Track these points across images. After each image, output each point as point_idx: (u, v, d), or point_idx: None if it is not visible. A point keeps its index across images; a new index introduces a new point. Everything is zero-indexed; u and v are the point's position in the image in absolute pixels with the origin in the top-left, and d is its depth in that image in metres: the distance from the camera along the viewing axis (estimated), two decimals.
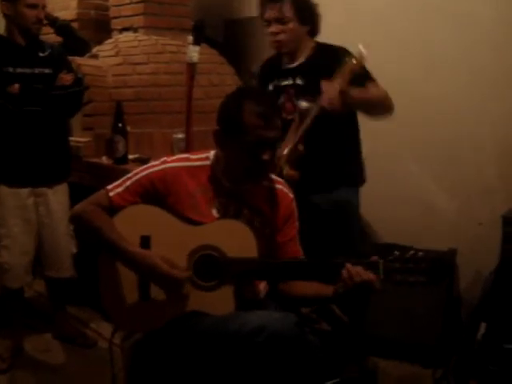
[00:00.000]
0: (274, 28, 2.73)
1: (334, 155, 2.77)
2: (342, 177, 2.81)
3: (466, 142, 3.24)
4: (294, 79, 2.81)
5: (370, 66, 2.61)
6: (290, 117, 2.74)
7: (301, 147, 2.63)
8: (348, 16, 2.79)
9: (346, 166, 2.82)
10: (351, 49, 2.57)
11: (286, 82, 2.82)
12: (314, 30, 2.81)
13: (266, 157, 1.95)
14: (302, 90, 2.75)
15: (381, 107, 2.70)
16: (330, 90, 2.48)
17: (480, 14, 3.09)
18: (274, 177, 2.17)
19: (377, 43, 3.42)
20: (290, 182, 2.36)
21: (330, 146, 2.75)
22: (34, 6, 3.03)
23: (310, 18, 2.77)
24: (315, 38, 2.84)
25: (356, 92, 2.54)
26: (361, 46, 2.46)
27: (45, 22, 3.19)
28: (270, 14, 2.72)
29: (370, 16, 3.47)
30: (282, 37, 2.74)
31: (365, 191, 2.98)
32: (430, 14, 3.27)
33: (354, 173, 2.89)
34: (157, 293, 1.97)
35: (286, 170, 2.63)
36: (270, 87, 2.86)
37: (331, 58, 2.66)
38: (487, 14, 3.06)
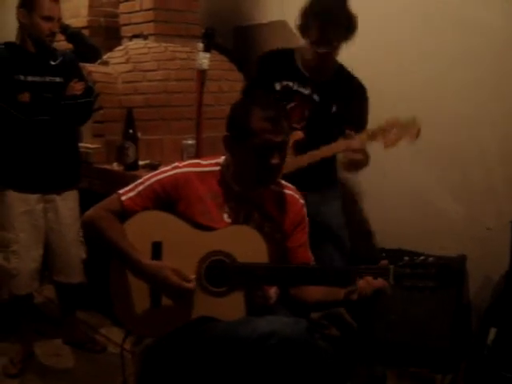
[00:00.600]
0: (324, 48, 2.67)
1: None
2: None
3: (472, 147, 3.23)
4: (312, 92, 2.80)
5: (372, 70, 2.63)
6: (295, 125, 2.75)
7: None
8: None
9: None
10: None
11: (302, 90, 2.81)
12: None
13: (274, 161, 1.97)
14: (315, 108, 2.78)
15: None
16: (357, 142, 2.52)
17: (482, 19, 3.08)
18: (284, 182, 2.19)
19: (378, 48, 3.46)
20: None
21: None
22: (49, 19, 3.02)
23: (353, 34, 2.74)
24: None
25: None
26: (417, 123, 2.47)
27: (57, 31, 3.20)
28: (327, 34, 2.65)
29: (371, 22, 3.47)
30: (331, 57, 2.75)
31: (372, 197, 2.98)
32: (433, 18, 3.27)
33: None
34: (168, 300, 1.99)
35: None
36: (278, 86, 2.83)
37: (352, 90, 2.77)
38: (489, 17, 3.06)
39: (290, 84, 2.83)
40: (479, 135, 3.20)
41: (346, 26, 2.67)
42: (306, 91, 2.81)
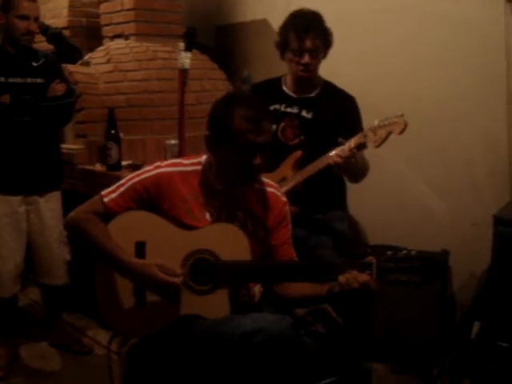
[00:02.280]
0: (306, 59, 2.76)
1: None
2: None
3: (455, 144, 3.26)
4: (300, 110, 2.87)
5: (362, 75, 2.66)
6: (290, 143, 2.84)
7: (300, 187, 2.71)
8: (337, 27, 2.84)
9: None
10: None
11: (289, 110, 2.88)
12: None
13: (256, 161, 1.97)
14: (308, 124, 2.84)
15: (363, 176, 2.82)
16: (345, 149, 2.53)
17: (465, 15, 3.12)
18: (265, 180, 2.19)
19: (368, 51, 3.49)
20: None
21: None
22: (24, 18, 3.02)
23: (329, 47, 2.86)
24: None
25: (359, 156, 2.59)
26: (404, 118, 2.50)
27: (36, 31, 3.19)
28: (307, 44, 2.74)
29: (359, 24, 3.51)
30: (312, 67, 2.81)
31: (357, 194, 3.00)
32: (415, 15, 3.30)
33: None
34: (153, 298, 1.99)
35: None
36: None
37: (342, 102, 2.85)
38: (479, 20, 3.09)
39: (278, 107, 2.89)
40: (462, 132, 3.23)
41: (322, 39, 2.78)
42: (294, 110, 2.88)
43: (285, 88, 2.93)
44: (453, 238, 3.23)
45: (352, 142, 2.52)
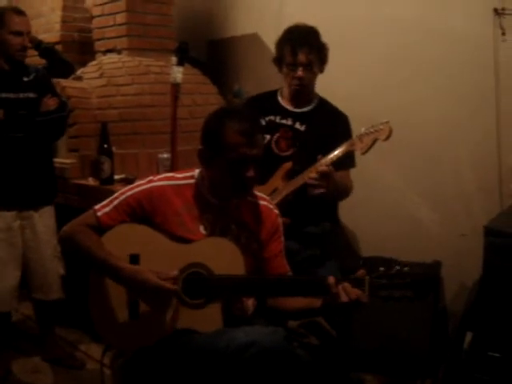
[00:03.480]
0: (301, 73, 2.79)
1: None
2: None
3: (444, 156, 3.29)
4: (294, 122, 2.90)
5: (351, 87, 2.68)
6: (282, 154, 2.86)
7: (290, 196, 2.73)
8: (326, 39, 2.88)
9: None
10: None
11: (284, 121, 2.91)
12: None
13: (249, 174, 1.98)
14: (301, 136, 2.87)
15: (343, 196, 2.85)
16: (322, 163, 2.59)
17: (461, 33, 3.15)
18: (258, 193, 2.20)
19: (356, 64, 3.52)
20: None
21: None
22: (18, 34, 3.04)
23: (325, 62, 2.88)
24: None
25: (338, 177, 2.62)
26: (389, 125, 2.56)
27: (29, 45, 3.20)
28: (301, 58, 2.77)
29: (347, 37, 3.55)
30: (306, 81, 2.83)
31: (349, 205, 3.01)
32: (403, 26, 3.34)
33: None
34: (146, 311, 1.99)
35: None
36: (263, 122, 2.90)
37: (335, 118, 2.88)
38: (468, 32, 3.13)
39: (273, 118, 2.92)
40: (451, 144, 3.26)
41: (317, 53, 2.80)
42: (288, 122, 2.91)
43: (280, 100, 2.96)
44: (444, 249, 3.26)
45: (335, 154, 2.58)
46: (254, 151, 1.97)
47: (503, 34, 3.01)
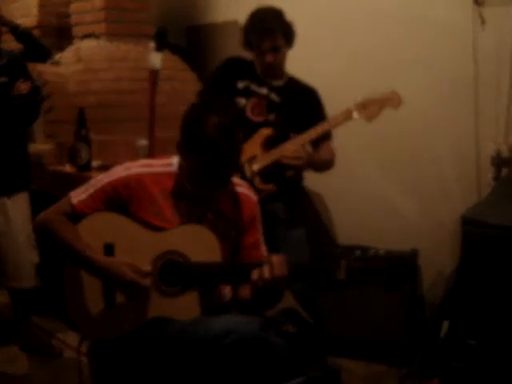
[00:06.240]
0: (270, 57, 2.84)
1: None
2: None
3: (425, 146, 3.30)
4: (269, 92, 2.94)
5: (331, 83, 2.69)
6: (256, 119, 2.90)
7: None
8: (306, 27, 2.87)
9: None
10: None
11: (260, 90, 2.93)
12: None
13: (227, 170, 1.99)
14: (276, 106, 2.91)
15: (327, 167, 2.94)
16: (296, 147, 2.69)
17: (435, 17, 3.16)
18: (237, 180, 2.19)
19: (335, 53, 3.51)
20: (265, 194, 2.69)
21: None
22: None
23: (293, 40, 2.91)
24: None
25: (318, 155, 2.76)
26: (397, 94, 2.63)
27: (5, 29, 3.15)
28: (266, 44, 2.82)
29: (326, 26, 3.54)
30: (276, 62, 2.88)
31: (327, 194, 3.02)
32: (386, 18, 3.33)
33: None
34: (122, 300, 1.97)
35: (259, 183, 2.79)
36: (240, 85, 2.95)
37: (306, 92, 2.96)
38: (441, 16, 3.14)
39: (248, 84, 2.95)
40: (430, 133, 3.27)
41: (282, 32, 2.83)
42: (264, 91, 2.94)
43: (257, 70, 2.98)
44: (422, 238, 3.28)
45: (314, 131, 2.67)
46: (233, 147, 1.96)
47: (483, 23, 3.02)
